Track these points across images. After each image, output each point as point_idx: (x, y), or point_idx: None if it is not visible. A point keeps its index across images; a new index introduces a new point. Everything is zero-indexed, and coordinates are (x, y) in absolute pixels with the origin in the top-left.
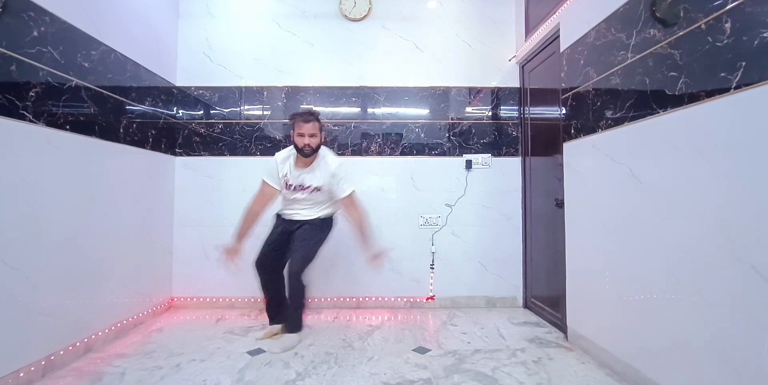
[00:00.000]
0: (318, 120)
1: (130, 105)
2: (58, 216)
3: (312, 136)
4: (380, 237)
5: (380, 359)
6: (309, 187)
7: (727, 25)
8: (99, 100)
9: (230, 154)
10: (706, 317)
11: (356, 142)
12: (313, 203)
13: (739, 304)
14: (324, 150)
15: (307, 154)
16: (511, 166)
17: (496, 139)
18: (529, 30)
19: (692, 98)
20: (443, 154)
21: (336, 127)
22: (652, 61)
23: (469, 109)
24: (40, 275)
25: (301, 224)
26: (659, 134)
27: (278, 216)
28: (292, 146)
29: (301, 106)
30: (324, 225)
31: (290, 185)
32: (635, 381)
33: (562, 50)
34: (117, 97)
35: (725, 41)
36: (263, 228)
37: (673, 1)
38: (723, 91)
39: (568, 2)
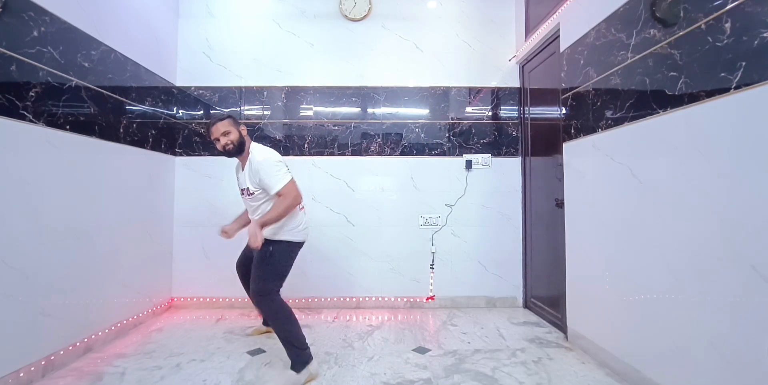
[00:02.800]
0: (225, 118)
1: (130, 105)
2: (58, 216)
3: (225, 134)
4: (381, 237)
5: (380, 359)
6: (244, 190)
7: (727, 25)
8: (99, 100)
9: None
10: (706, 317)
11: (356, 142)
12: (257, 211)
13: (740, 304)
14: (254, 147)
15: (233, 153)
16: (511, 166)
17: (496, 139)
18: (529, 30)
19: (692, 98)
20: (443, 154)
21: (336, 127)
22: (652, 61)
23: (469, 109)
24: (40, 275)
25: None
26: (659, 134)
27: None
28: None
29: (301, 106)
30: (264, 250)
31: (241, 190)
32: (635, 381)
33: (562, 50)
34: (117, 97)
35: (725, 41)
36: None
37: (673, 1)
38: (723, 91)
39: (568, 2)
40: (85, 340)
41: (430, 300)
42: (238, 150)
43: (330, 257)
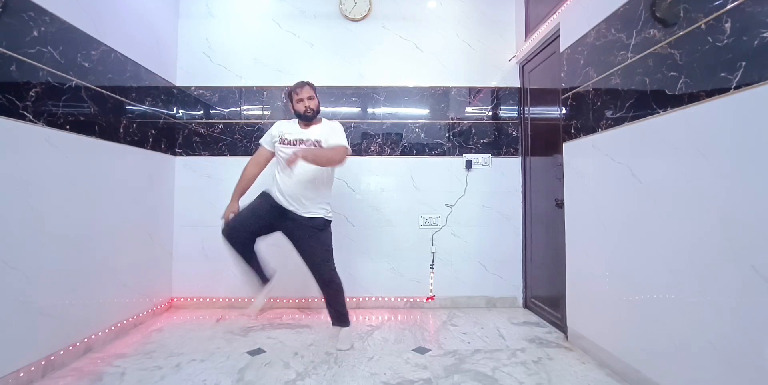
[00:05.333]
0: (312, 85)
1: (130, 105)
2: (58, 216)
3: (310, 98)
4: (381, 237)
5: (380, 359)
6: (308, 140)
7: (727, 25)
8: (99, 100)
9: (230, 155)
10: (706, 317)
11: (356, 142)
12: (311, 177)
13: (740, 304)
14: (325, 119)
15: (310, 117)
16: (511, 166)
17: (496, 139)
18: (529, 30)
19: (692, 98)
20: (443, 154)
21: None
22: (652, 61)
23: (469, 109)
24: (40, 275)
25: (294, 222)
26: (659, 134)
27: (266, 196)
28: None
29: None
30: (322, 229)
31: (286, 140)
32: (635, 381)
33: (562, 50)
34: (117, 97)
35: (725, 41)
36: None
37: (673, 1)
38: (723, 91)
39: (568, 2)
40: (85, 340)
41: (430, 300)
42: (314, 115)
43: None
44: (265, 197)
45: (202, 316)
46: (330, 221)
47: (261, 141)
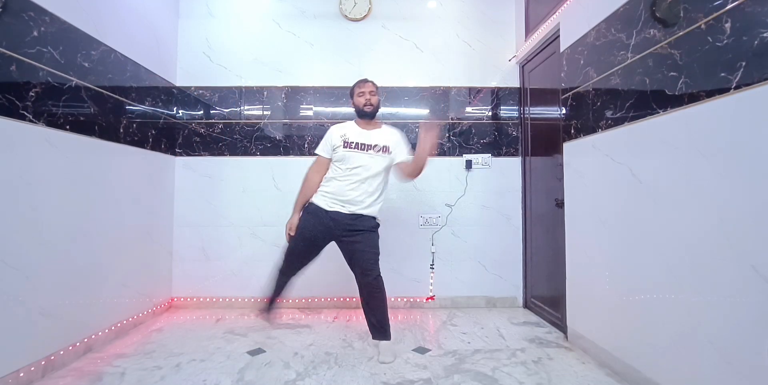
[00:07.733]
0: (374, 83)
1: (130, 105)
2: (58, 216)
3: (372, 93)
4: (381, 237)
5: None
6: (376, 146)
7: (727, 25)
8: (99, 100)
9: (230, 154)
10: (706, 317)
11: None
12: (375, 177)
13: (739, 304)
14: (385, 125)
15: (370, 113)
16: (511, 166)
17: (496, 139)
18: (529, 30)
19: (692, 98)
20: (443, 154)
21: None
22: (652, 61)
23: (469, 109)
24: (40, 275)
25: (348, 226)
26: (659, 134)
27: (315, 212)
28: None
29: (301, 106)
30: (373, 230)
31: (351, 143)
32: (635, 381)
33: (562, 50)
34: (117, 97)
35: (725, 41)
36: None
37: (673, 1)
38: (723, 91)
39: (568, 2)
40: (85, 340)
41: (430, 300)
42: (373, 113)
43: (330, 257)
44: (313, 214)
45: (202, 316)
46: (378, 226)
47: (318, 151)
